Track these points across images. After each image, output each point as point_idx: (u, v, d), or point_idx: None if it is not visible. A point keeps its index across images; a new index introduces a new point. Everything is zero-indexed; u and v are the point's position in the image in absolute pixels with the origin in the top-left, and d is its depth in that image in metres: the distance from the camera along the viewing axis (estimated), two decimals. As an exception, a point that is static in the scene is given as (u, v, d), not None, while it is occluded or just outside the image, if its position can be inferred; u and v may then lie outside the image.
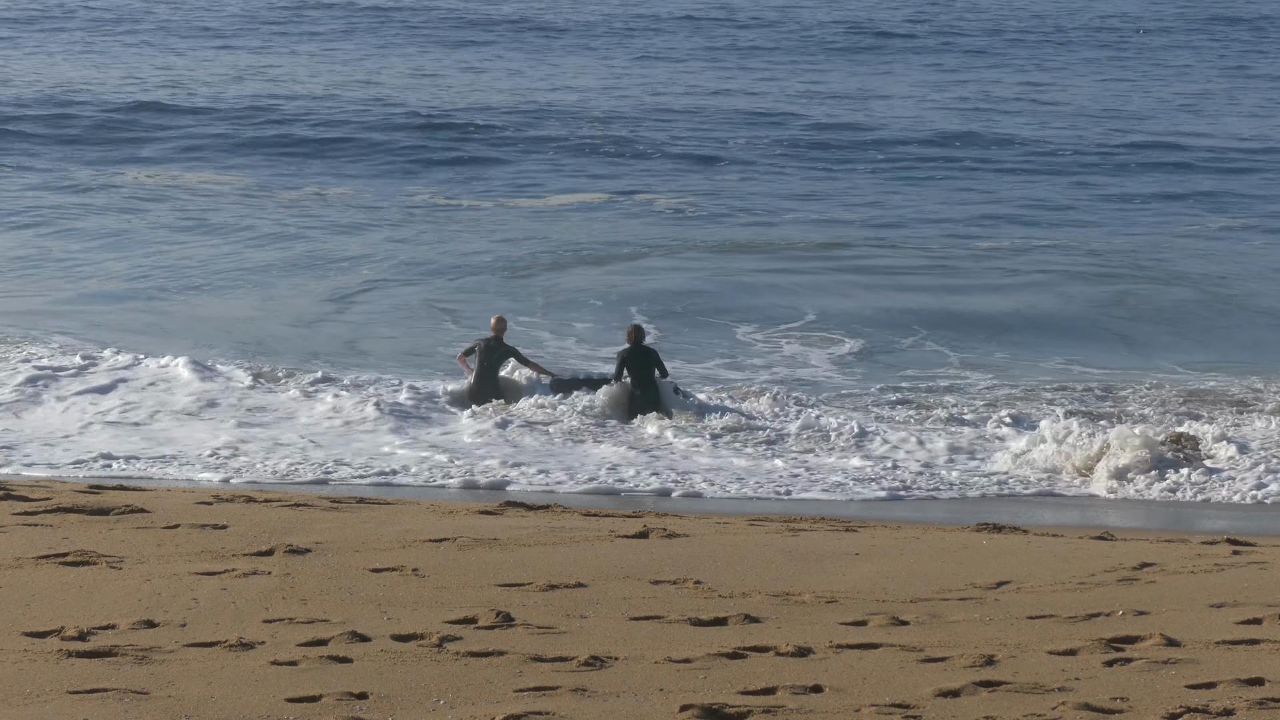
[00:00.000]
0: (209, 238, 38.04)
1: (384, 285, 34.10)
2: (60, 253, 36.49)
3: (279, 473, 21.62)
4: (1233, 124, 55.35)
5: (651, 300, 32.61)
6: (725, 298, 33.16)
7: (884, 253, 37.66)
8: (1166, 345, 30.39)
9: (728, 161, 48.13)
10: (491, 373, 25.61)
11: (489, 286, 33.99)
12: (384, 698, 10.78)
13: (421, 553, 14.90)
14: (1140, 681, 11.25)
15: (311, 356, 28.38)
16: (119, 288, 33.45)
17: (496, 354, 25.72)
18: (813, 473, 22.28)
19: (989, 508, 20.33)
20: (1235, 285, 34.59)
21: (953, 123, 54.34)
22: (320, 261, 35.96)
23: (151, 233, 38.55)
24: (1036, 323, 31.82)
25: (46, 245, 37.12)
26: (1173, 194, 44.61)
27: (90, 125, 52.01)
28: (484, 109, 55.01)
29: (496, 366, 25.70)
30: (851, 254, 37.43)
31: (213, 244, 37.42)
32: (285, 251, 36.79)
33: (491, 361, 25.65)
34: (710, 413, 24.63)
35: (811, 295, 33.39)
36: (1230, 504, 21.32)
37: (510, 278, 34.72)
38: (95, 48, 69.50)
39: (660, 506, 20.00)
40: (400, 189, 44.56)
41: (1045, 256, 37.23)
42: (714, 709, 10.62)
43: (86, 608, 12.80)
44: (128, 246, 37.07)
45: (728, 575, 14.34)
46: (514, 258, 36.36)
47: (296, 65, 64.69)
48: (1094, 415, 24.86)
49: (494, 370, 25.66)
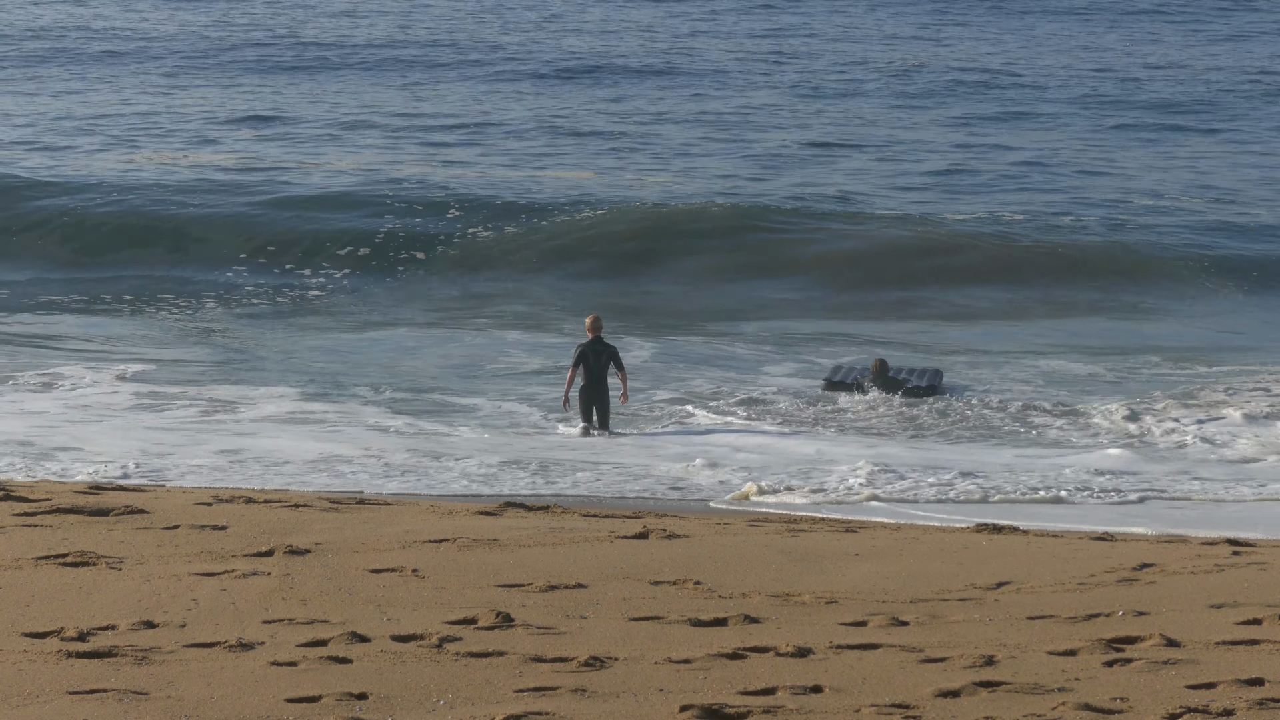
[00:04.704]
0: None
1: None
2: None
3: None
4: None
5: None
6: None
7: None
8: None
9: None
10: (603, 376, 24.93)
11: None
12: (384, 698, 10.78)
13: (421, 553, 14.89)
14: (1140, 682, 11.25)
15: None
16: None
17: (604, 356, 24.95)
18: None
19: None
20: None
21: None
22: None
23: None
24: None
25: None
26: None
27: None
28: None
29: (605, 369, 24.97)
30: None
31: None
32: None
33: (601, 365, 24.91)
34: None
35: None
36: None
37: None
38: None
39: (661, 507, 20.00)
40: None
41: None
42: (714, 709, 10.62)
43: (86, 608, 12.79)
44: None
45: (728, 576, 14.33)
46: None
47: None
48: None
49: (604, 374, 24.96)
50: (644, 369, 28.45)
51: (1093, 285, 36.24)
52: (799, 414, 25.73)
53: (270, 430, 24.21)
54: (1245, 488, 21.95)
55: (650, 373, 28.38)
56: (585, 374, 24.90)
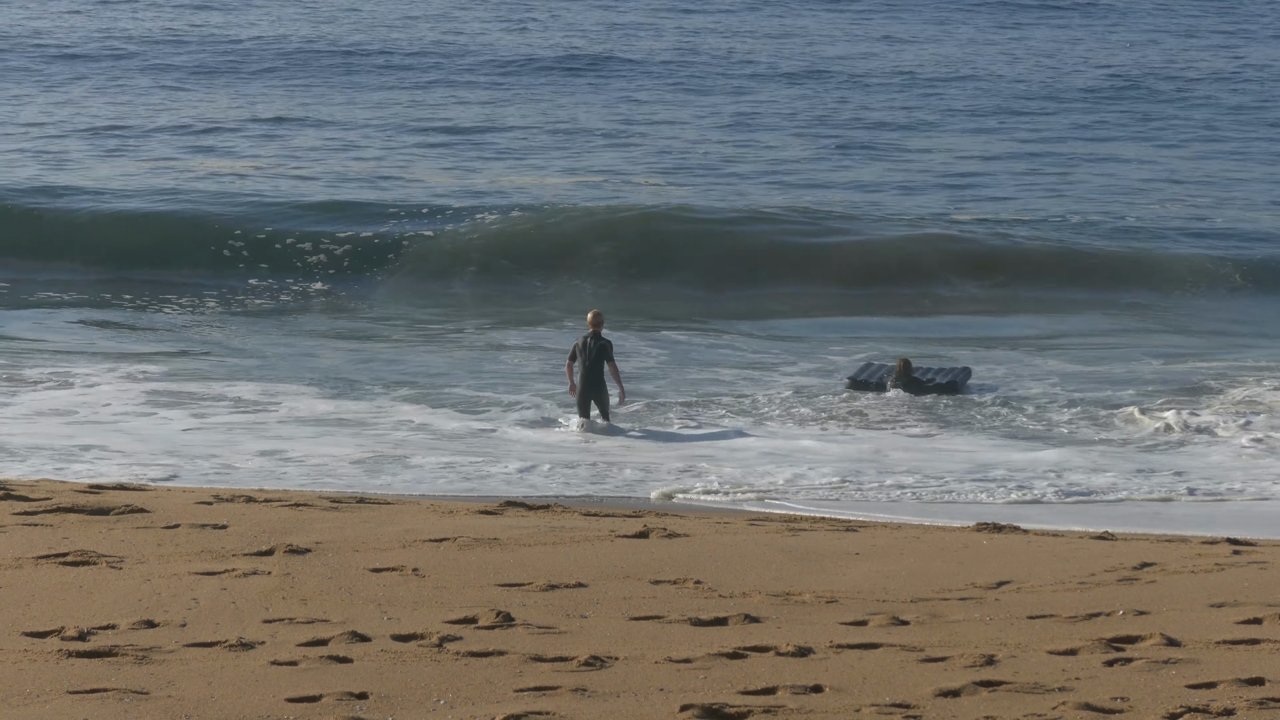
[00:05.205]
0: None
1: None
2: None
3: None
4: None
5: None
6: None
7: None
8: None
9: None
10: (597, 372, 24.84)
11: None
12: (384, 698, 10.77)
13: (421, 553, 14.88)
14: (1140, 681, 11.25)
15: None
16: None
17: (596, 350, 24.85)
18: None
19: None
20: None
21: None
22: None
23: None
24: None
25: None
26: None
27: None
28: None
29: (600, 364, 24.86)
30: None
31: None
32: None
33: (594, 359, 24.83)
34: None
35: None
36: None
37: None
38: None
39: (660, 508, 20.00)
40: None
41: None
42: (714, 709, 10.62)
43: (86, 608, 12.79)
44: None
45: (728, 575, 14.33)
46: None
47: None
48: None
49: (599, 369, 24.86)
50: (654, 370, 28.47)
51: (1106, 286, 36.22)
52: (798, 413, 25.71)
53: (304, 432, 24.12)
54: (1246, 487, 21.95)
55: (660, 372, 28.38)
56: (581, 368, 24.95)
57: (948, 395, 26.57)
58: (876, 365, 28.15)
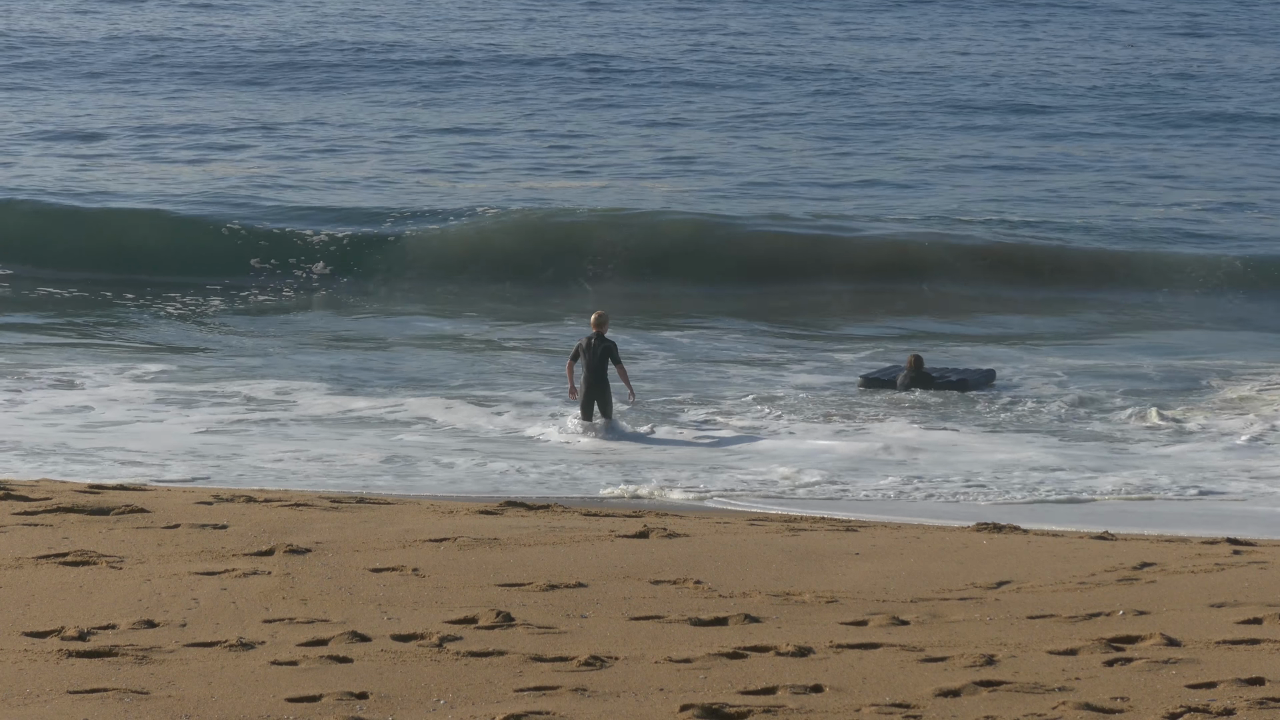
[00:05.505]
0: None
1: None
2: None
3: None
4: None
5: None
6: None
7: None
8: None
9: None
10: (601, 373, 24.76)
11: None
12: (384, 698, 10.78)
13: (421, 553, 14.88)
14: (1140, 681, 11.25)
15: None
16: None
17: (600, 351, 24.71)
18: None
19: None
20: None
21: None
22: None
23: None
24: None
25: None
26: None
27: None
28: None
29: (604, 366, 24.76)
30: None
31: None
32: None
33: (597, 359, 24.70)
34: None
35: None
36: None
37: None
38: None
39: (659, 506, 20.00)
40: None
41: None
42: (714, 709, 10.62)
43: (86, 608, 12.79)
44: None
45: (728, 575, 14.33)
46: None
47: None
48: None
49: (603, 370, 24.76)
50: (659, 369, 28.48)
51: (1107, 286, 36.24)
52: (806, 412, 25.71)
53: (304, 432, 24.13)
54: (1246, 487, 21.96)
55: (665, 372, 28.39)
56: (584, 368, 24.93)
57: (958, 393, 26.58)
58: (891, 365, 28.16)
